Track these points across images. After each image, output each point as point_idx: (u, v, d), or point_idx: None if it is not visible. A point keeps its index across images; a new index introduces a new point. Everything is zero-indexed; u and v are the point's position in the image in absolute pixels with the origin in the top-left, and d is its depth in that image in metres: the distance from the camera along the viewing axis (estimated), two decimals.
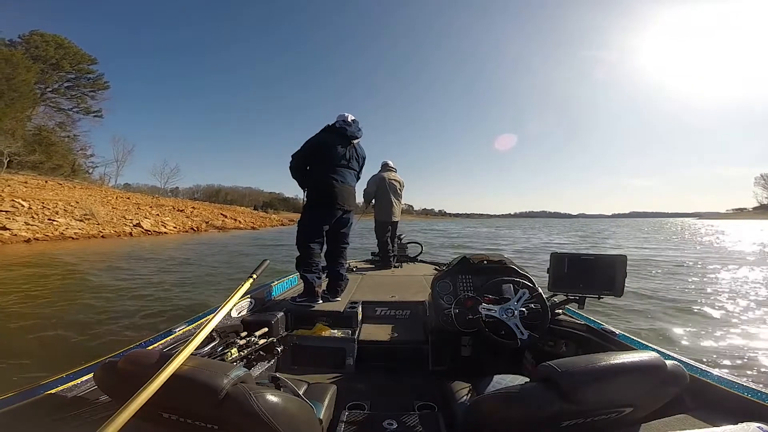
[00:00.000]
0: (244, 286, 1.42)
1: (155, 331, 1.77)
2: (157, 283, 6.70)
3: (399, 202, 5.11)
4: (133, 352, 0.93)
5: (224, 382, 0.79)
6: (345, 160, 2.90)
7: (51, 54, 36.37)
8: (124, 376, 0.87)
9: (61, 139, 37.65)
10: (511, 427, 1.01)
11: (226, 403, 0.78)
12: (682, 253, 13.73)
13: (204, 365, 0.86)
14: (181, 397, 0.81)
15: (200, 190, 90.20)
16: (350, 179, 2.99)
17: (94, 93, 41.25)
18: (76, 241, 15.61)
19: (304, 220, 2.90)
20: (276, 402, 0.82)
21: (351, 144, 2.94)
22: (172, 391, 0.77)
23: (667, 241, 20.28)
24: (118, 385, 0.90)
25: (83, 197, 24.52)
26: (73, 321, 4.31)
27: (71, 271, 7.93)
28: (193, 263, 9.64)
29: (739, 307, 5.38)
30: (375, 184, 4.99)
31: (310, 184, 2.92)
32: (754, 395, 1.13)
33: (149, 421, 0.85)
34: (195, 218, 29.66)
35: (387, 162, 5.20)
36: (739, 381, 1.21)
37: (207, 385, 0.78)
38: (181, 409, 0.84)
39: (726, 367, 3.32)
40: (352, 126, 2.93)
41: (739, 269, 9.25)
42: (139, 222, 21.61)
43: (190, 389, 0.80)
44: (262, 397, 0.80)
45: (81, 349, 3.51)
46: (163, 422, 0.86)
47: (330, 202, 2.83)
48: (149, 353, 0.93)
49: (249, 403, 0.78)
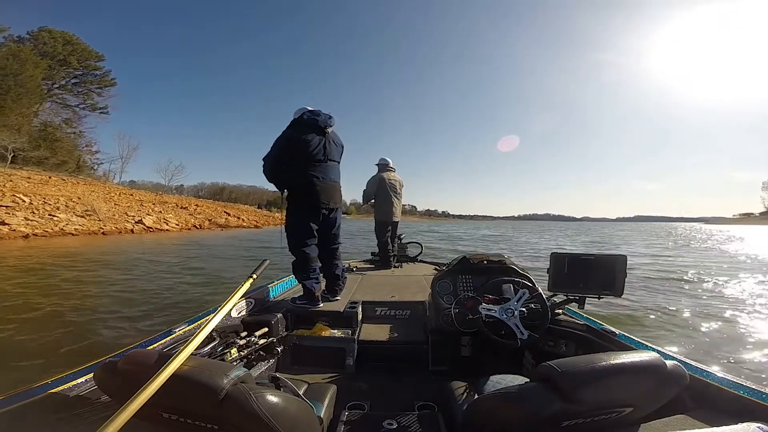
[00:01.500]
0: (244, 286, 1.41)
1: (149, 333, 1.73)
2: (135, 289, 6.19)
3: (399, 201, 5.07)
4: (133, 352, 0.93)
5: (224, 382, 0.79)
6: (323, 154, 2.65)
7: (59, 50, 36.56)
8: (124, 376, 0.87)
9: (66, 135, 37.92)
10: (511, 427, 1.00)
11: (226, 403, 0.77)
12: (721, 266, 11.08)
13: (204, 365, 0.85)
14: (181, 397, 0.81)
15: (205, 188, 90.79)
16: (332, 174, 2.75)
17: (100, 90, 41.51)
18: (75, 237, 15.48)
19: (291, 224, 2.70)
20: (276, 402, 0.82)
21: (326, 134, 2.68)
22: (172, 391, 0.77)
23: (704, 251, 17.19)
24: (118, 385, 0.91)
25: (86, 193, 24.54)
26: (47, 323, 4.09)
27: (54, 272, 7.47)
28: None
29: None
30: (375, 184, 4.95)
31: (288, 185, 2.70)
32: (754, 395, 1.12)
33: (149, 421, 0.84)
34: (198, 216, 29.61)
35: (386, 161, 5.12)
36: (739, 381, 1.21)
37: (207, 385, 0.78)
38: (181, 409, 0.84)
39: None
40: (322, 115, 2.67)
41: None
42: (141, 219, 21.54)
43: (190, 389, 0.79)
44: (262, 397, 0.80)
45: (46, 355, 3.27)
46: (163, 422, 0.86)
47: (313, 202, 2.63)
48: (149, 353, 0.93)
49: (249, 403, 0.78)
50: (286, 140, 2.60)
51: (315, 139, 2.60)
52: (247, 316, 2.28)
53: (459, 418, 1.35)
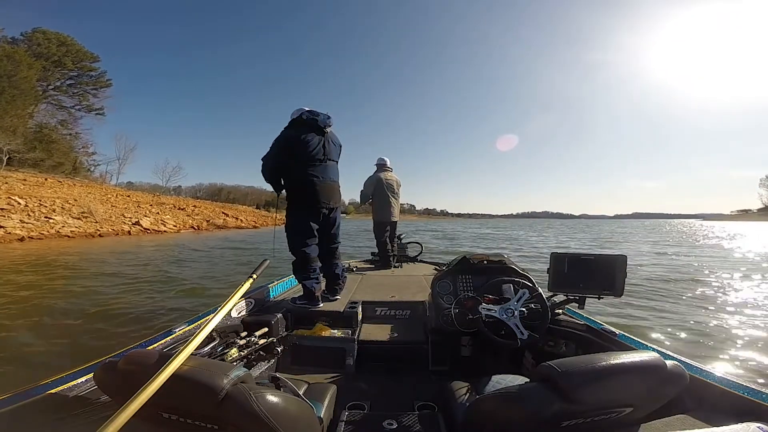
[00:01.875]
0: (244, 286, 1.40)
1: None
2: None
3: (397, 201, 5.06)
4: (133, 352, 0.92)
5: (224, 382, 0.79)
6: (322, 154, 2.65)
7: (53, 51, 36.25)
8: (124, 376, 0.87)
9: (62, 136, 37.57)
10: (511, 427, 1.00)
11: (226, 403, 0.77)
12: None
13: (204, 365, 0.85)
14: (181, 397, 0.81)
15: (203, 189, 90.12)
16: (331, 173, 2.75)
17: (96, 91, 41.13)
18: (72, 239, 15.33)
19: (291, 224, 2.69)
20: (276, 402, 0.82)
21: (325, 134, 2.68)
22: (172, 391, 0.76)
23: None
24: (118, 385, 0.90)
25: (82, 195, 24.35)
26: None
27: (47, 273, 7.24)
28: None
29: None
30: (372, 185, 4.94)
31: (288, 185, 2.69)
32: (754, 395, 1.12)
33: (149, 421, 0.84)
34: (196, 216, 29.46)
35: (384, 161, 5.10)
36: (739, 381, 1.20)
37: (207, 385, 0.78)
38: (181, 409, 0.84)
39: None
40: (321, 115, 2.66)
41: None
42: (138, 220, 21.40)
43: (190, 389, 0.79)
44: (262, 397, 0.80)
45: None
46: (163, 422, 0.85)
47: (313, 202, 2.63)
48: (149, 353, 0.92)
49: (249, 403, 0.77)
50: (285, 140, 2.58)
51: (314, 139, 2.59)
52: (247, 316, 2.28)
53: (459, 418, 1.35)
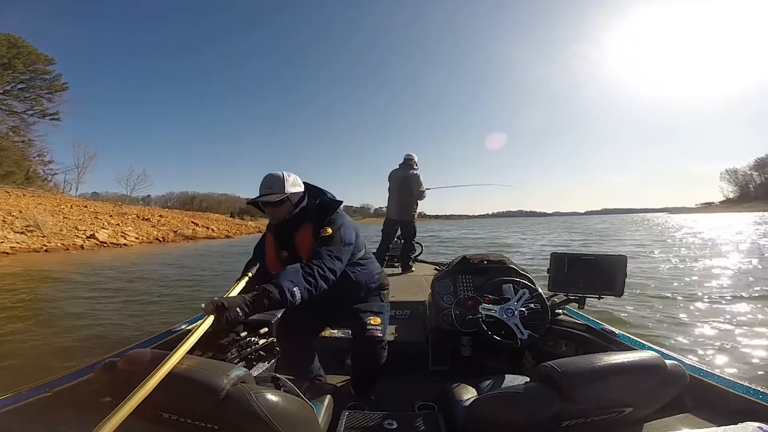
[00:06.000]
0: (240, 284, 1.43)
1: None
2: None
3: (396, 198, 4.85)
4: (133, 352, 0.93)
5: (224, 382, 0.79)
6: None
7: (2, 53, 33.50)
8: (123, 376, 0.87)
9: (14, 143, 34.35)
10: (511, 427, 1.00)
11: (227, 403, 0.77)
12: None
13: (204, 365, 0.85)
14: (181, 397, 0.81)
15: (173, 198, 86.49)
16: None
17: (51, 95, 38.14)
18: (10, 256, 13.65)
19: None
20: (276, 402, 0.82)
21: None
22: (172, 391, 0.76)
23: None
24: (117, 385, 0.90)
25: (30, 206, 22.04)
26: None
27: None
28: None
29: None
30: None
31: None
32: (754, 395, 1.12)
33: (150, 421, 0.84)
34: (162, 227, 27.36)
35: (406, 157, 4.92)
36: (739, 381, 1.21)
37: (207, 385, 0.78)
38: (181, 409, 0.83)
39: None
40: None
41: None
42: (93, 233, 19.46)
43: (191, 389, 0.79)
44: (262, 397, 0.80)
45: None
46: (163, 422, 0.85)
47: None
48: (149, 353, 0.92)
49: (249, 403, 0.78)
50: None
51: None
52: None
53: (459, 418, 1.35)
